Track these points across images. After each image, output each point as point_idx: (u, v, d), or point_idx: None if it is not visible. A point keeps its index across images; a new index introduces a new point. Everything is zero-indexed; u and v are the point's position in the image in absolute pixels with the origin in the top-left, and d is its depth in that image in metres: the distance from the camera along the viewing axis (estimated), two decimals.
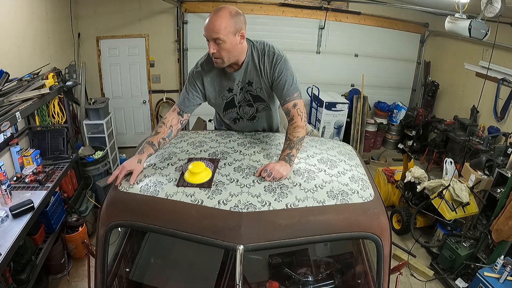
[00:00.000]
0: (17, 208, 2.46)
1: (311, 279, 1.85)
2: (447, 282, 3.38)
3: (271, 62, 1.71)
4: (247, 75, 1.77)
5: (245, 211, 1.30)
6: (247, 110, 1.93)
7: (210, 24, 1.54)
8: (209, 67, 1.76)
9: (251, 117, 1.97)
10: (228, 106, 1.91)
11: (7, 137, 3.04)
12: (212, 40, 1.56)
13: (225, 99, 1.86)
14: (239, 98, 1.87)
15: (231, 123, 2.04)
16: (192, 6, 5.58)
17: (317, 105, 5.95)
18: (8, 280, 2.36)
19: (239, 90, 1.83)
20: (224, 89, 1.82)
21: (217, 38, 1.55)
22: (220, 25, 1.52)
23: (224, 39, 1.55)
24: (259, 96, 1.85)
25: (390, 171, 4.59)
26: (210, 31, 1.55)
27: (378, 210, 1.41)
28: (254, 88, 1.81)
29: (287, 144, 1.61)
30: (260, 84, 1.79)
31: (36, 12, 3.84)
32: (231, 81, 1.79)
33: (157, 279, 1.90)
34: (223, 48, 1.58)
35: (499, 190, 3.55)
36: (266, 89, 1.81)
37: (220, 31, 1.53)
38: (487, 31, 3.37)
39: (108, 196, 1.50)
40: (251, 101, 1.88)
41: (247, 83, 1.79)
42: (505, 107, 4.74)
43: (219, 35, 1.54)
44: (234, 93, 1.84)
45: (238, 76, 1.77)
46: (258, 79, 1.77)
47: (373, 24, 6.21)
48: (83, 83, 5.21)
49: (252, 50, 1.73)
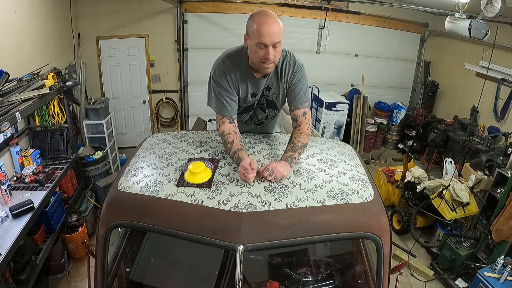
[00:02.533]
0: (17, 208, 2.47)
1: (311, 279, 1.85)
2: (447, 282, 3.38)
3: (293, 69, 1.71)
4: (267, 80, 1.74)
5: (245, 211, 1.30)
6: (258, 113, 1.93)
7: (272, 28, 1.48)
8: (235, 70, 1.69)
9: (259, 122, 1.98)
10: (245, 110, 1.88)
11: (7, 137, 3.04)
12: (273, 44, 1.51)
13: (247, 103, 1.83)
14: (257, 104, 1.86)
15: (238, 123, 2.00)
16: (192, 6, 5.58)
17: (317, 105, 5.95)
18: (8, 280, 2.36)
19: (260, 95, 1.81)
20: (248, 93, 1.77)
21: (278, 42, 1.52)
22: (280, 28, 1.51)
23: (281, 41, 1.54)
24: (274, 103, 1.84)
25: (390, 171, 4.59)
26: (273, 36, 1.49)
27: (378, 210, 1.41)
28: (271, 94, 1.80)
29: (291, 147, 1.62)
30: (278, 90, 1.77)
31: (36, 12, 3.84)
32: (256, 87, 1.75)
33: (157, 279, 1.90)
34: (278, 51, 1.57)
35: (499, 190, 3.55)
36: (282, 96, 1.80)
37: (280, 35, 1.52)
38: (487, 31, 3.37)
39: (108, 196, 1.50)
40: (264, 106, 1.88)
41: (265, 87, 1.78)
42: (505, 107, 4.74)
43: (280, 38, 1.52)
44: (256, 99, 1.81)
45: (264, 82, 1.74)
46: (276, 85, 1.76)
47: (373, 24, 6.21)
48: (83, 83, 5.21)
49: None
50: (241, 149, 1.57)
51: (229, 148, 1.61)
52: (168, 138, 1.90)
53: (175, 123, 6.30)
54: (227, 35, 5.66)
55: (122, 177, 1.56)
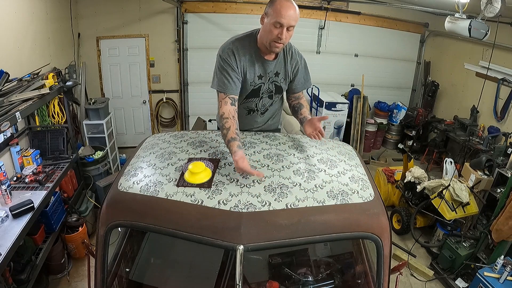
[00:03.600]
0: (17, 208, 2.46)
1: (311, 279, 1.85)
2: (447, 282, 3.38)
3: (297, 58, 1.91)
4: (276, 65, 1.87)
5: (245, 211, 1.30)
6: (265, 102, 2.00)
7: (291, 11, 1.62)
8: (244, 52, 1.79)
9: (264, 111, 2.05)
10: (251, 95, 1.94)
11: (7, 137, 3.04)
12: (287, 27, 1.64)
13: (253, 85, 1.89)
14: (264, 89, 1.93)
15: (242, 114, 2.00)
16: (192, 6, 5.58)
17: (317, 105, 5.94)
18: (8, 280, 2.36)
19: (268, 80, 1.90)
20: (255, 75, 1.86)
21: (292, 26, 1.66)
22: (297, 14, 1.65)
23: (294, 26, 1.68)
24: (281, 88, 1.96)
25: (390, 171, 4.58)
26: (290, 19, 1.62)
27: (378, 210, 1.41)
28: (280, 79, 1.92)
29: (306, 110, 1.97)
30: (285, 75, 1.92)
31: (36, 12, 3.84)
32: (263, 69, 1.85)
33: (157, 279, 1.90)
34: (289, 35, 1.70)
35: (499, 190, 3.55)
36: (287, 80, 1.94)
37: (297, 20, 1.66)
38: (487, 31, 3.37)
39: (108, 196, 1.50)
40: (273, 93, 1.97)
41: (275, 73, 1.89)
42: (505, 107, 4.74)
43: (295, 23, 1.66)
44: (262, 82, 1.90)
45: (272, 65, 1.86)
46: (284, 70, 1.90)
47: (373, 24, 6.21)
48: (83, 83, 5.21)
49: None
50: (235, 139, 1.61)
51: (225, 135, 1.67)
52: (168, 138, 1.90)
53: (175, 123, 6.30)
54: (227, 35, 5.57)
55: (122, 177, 1.56)
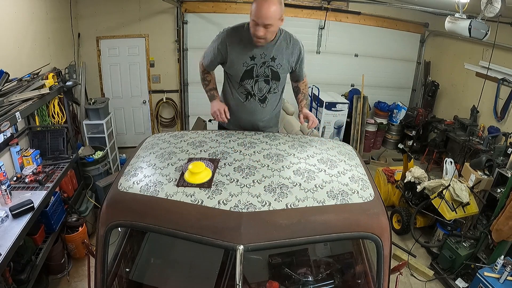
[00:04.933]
0: (17, 208, 2.46)
1: (311, 279, 1.85)
2: (447, 282, 3.38)
3: (299, 47, 2.01)
4: (274, 50, 1.94)
5: (245, 211, 1.30)
6: (261, 87, 2.04)
7: (264, 10, 1.70)
8: (238, 34, 1.92)
9: (263, 97, 2.08)
10: (245, 76, 2.01)
11: (7, 137, 3.04)
12: (263, 25, 1.74)
13: (246, 66, 1.97)
14: (259, 71, 1.99)
15: (241, 100, 2.10)
16: (192, 6, 5.58)
17: (317, 105, 5.95)
18: (8, 280, 2.36)
19: (261, 62, 1.97)
20: (247, 55, 1.94)
21: (268, 24, 1.74)
22: (273, 13, 1.72)
23: (273, 23, 1.76)
24: (278, 73, 2.02)
25: (390, 171, 4.58)
26: (262, 18, 1.72)
27: (378, 210, 1.41)
28: (276, 64, 1.98)
29: (303, 96, 2.24)
30: (283, 61, 1.98)
31: (36, 12, 3.84)
32: (256, 50, 1.93)
33: (157, 279, 1.90)
34: (270, 31, 1.79)
35: (499, 190, 3.55)
36: (286, 67, 2.02)
37: (272, 17, 1.73)
38: (487, 31, 3.37)
39: (108, 196, 1.50)
40: (269, 78, 2.03)
41: (271, 58, 1.96)
42: (505, 107, 4.74)
43: (271, 21, 1.74)
44: (255, 62, 1.96)
45: (264, 48, 1.92)
46: (281, 56, 1.97)
47: (373, 24, 6.21)
48: (83, 83, 5.21)
49: (280, 31, 1.94)
50: (216, 89, 2.10)
51: (206, 85, 2.14)
52: (168, 138, 1.90)
53: (175, 123, 6.30)
54: None
55: (122, 177, 1.56)
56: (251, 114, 2.12)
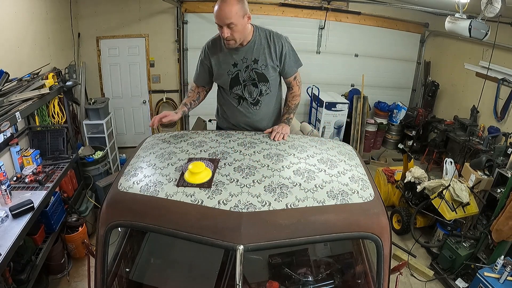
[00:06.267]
0: (17, 208, 2.46)
1: (311, 279, 1.85)
2: (447, 282, 3.38)
3: (281, 43, 1.94)
4: (254, 53, 1.93)
5: (245, 211, 1.30)
6: (251, 90, 2.03)
7: (222, 11, 1.72)
8: (217, 45, 1.96)
9: (255, 101, 2.06)
10: (233, 83, 2.01)
11: (7, 137, 3.04)
12: (225, 25, 1.74)
13: (230, 74, 1.98)
14: (244, 76, 1.98)
15: (235, 105, 2.09)
16: (192, 6, 5.58)
17: (317, 105, 5.95)
18: (8, 280, 2.36)
19: (244, 67, 1.96)
20: (229, 64, 1.96)
21: (230, 23, 1.73)
22: (231, 11, 1.71)
23: (236, 22, 1.74)
24: (264, 75, 1.98)
25: (390, 171, 4.59)
26: (223, 18, 1.73)
27: (378, 210, 1.41)
28: (260, 66, 1.96)
29: (286, 110, 2.10)
30: (266, 61, 1.95)
31: (36, 12, 3.84)
32: (236, 56, 1.94)
33: (157, 279, 1.90)
34: (235, 30, 1.78)
35: (499, 190, 3.56)
36: (272, 66, 1.97)
37: (232, 17, 1.72)
38: (487, 31, 3.37)
39: (108, 196, 1.50)
40: (256, 80, 2.00)
41: (253, 61, 1.94)
42: (505, 107, 4.74)
43: (232, 20, 1.73)
44: (238, 68, 1.97)
45: (243, 52, 1.93)
46: (264, 57, 1.94)
47: (373, 24, 6.21)
48: (83, 83, 5.21)
49: (258, 31, 1.93)
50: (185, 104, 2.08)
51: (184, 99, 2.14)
52: (168, 138, 1.90)
53: (175, 123, 6.30)
54: None
55: (122, 177, 1.56)
56: (246, 117, 2.11)
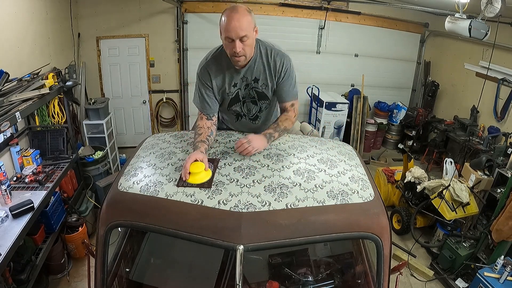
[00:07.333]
0: (17, 208, 2.46)
1: (311, 279, 1.85)
2: (447, 282, 3.38)
3: (282, 63, 1.78)
4: (254, 71, 1.80)
5: (245, 211, 1.30)
6: (250, 107, 1.95)
7: (235, 23, 1.55)
8: (215, 66, 1.79)
9: (253, 117, 1.99)
10: (232, 102, 1.92)
11: (7, 137, 3.04)
12: (239, 38, 1.58)
13: (230, 95, 1.87)
14: (244, 94, 1.88)
15: (233, 120, 2.04)
16: (192, 6, 5.58)
17: (317, 105, 5.95)
18: (8, 280, 2.36)
19: (244, 85, 1.85)
20: (230, 85, 1.83)
21: (244, 36, 1.58)
22: (244, 22, 1.56)
23: (249, 35, 1.60)
24: (264, 93, 1.88)
25: (390, 171, 4.59)
26: (237, 30, 1.56)
27: (378, 210, 1.41)
28: (260, 85, 1.84)
29: (274, 127, 1.81)
30: (266, 81, 1.82)
31: (36, 12, 3.84)
32: (236, 76, 1.81)
33: (157, 279, 1.90)
34: (247, 44, 1.62)
35: (499, 190, 3.55)
36: (271, 86, 1.85)
37: (246, 28, 1.57)
38: (487, 31, 3.37)
39: (108, 196, 1.50)
40: (256, 99, 1.91)
41: (253, 79, 1.82)
42: (505, 107, 4.74)
43: (246, 32, 1.58)
44: (238, 88, 1.85)
45: (243, 71, 1.79)
46: (264, 76, 1.81)
47: (373, 24, 6.21)
48: (83, 83, 5.21)
49: (260, 47, 1.77)
50: (202, 142, 1.67)
51: (195, 138, 1.72)
52: (168, 138, 1.90)
53: (175, 123, 6.30)
54: None
55: (122, 177, 1.56)
56: (245, 129, 2.06)
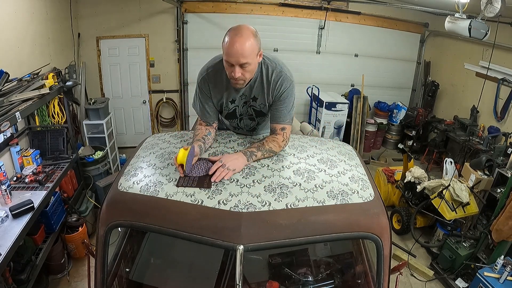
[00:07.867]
0: (17, 208, 2.47)
1: (311, 279, 1.85)
2: (447, 282, 3.38)
3: (281, 84, 1.67)
4: (253, 90, 1.71)
5: (245, 211, 1.30)
6: (248, 123, 1.92)
7: (238, 48, 1.43)
8: (215, 79, 1.70)
9: (251, 129, 1.98)
10: (229, 116, 1.88)
11: (7, 137, 3.04)
12: (239, 64, 1.48)
13: (227, 110, 1.82)
14: (241, 111, 1.83)
15: (231, 128, 2.04)
16: (192, 6, 5.58)
17: (317, 105, 5.95)
18: (8, 280, 2.36)
19: (242, 103, 1.78)
20: (227, 100, 1.77)
21: (245, 63, 1.47)
22: (248, 49, 1.44)
23: (250, 62, 1.49)
24: (262, 112, 1.82)
25: (390, 171, 4.59)
26: (238, 57, 1.45)
27: (378, 210, 1.41)
28: (258, 104, 1.77)
29: (257, 146, 1.64)
30: (264, 100, 1.74)
31: (36, 12, 3.84)
32: (235, 93, 1.73)
33: (157, 279, 1.90)
34: (247, 70, 1.52)
35: (499, 190, 3.55)
36: (269, 105, 1.77)
37: (248, 56, 1.46)
38: (487, 31, 3.37)
39: (108, 196, 1.50)
40: (253, 116, 1.85)
41: (251, 98, 1.75)
42: (505, 107, 4.74)
43: (248, 59, 1.47)
44: (236, 105, 1.79)
45: (243, 89, 1.71)
46: (263, 95, 1.72)
47: (373, 24, 6.21)
48: (83, 83, 5.21)
49: (262, 66, 1.66)
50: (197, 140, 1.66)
51: (192, 138, 1.73)
52: (168, 138, 1.90)
53: (175, 123, 6.31)
54: None
55: (122, 177, 1.56)
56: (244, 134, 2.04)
